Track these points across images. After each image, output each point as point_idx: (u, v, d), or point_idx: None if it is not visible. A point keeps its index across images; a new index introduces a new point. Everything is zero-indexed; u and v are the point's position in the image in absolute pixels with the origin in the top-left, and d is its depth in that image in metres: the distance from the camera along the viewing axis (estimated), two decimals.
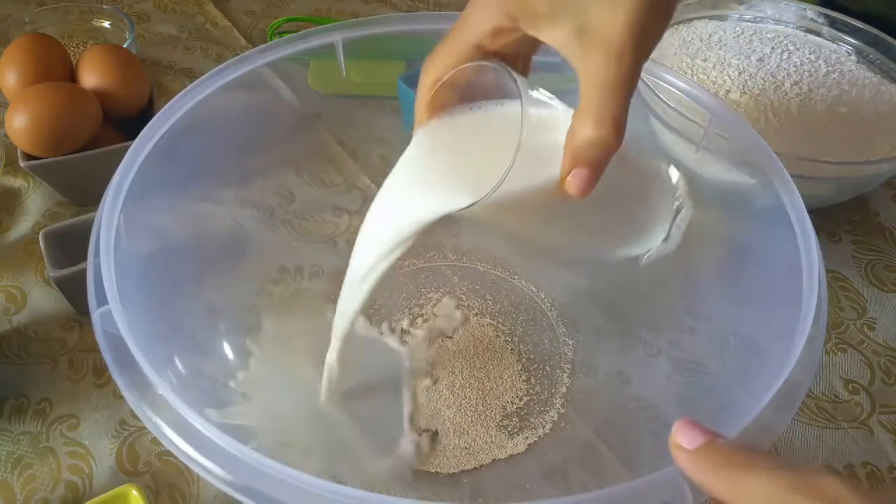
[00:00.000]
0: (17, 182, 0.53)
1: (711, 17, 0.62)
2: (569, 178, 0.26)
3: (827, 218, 0.54)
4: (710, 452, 0.23)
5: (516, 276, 0.47)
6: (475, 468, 0.38)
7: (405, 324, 0.44)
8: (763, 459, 0.22)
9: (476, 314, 0.45)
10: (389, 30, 0.43)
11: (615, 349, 0.42)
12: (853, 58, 0.58)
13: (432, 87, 0.29)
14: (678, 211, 0.34)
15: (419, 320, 0.44)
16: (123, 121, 0.53)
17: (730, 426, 0.26)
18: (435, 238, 0.48)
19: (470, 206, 0.27)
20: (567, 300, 0.46)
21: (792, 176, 0.36)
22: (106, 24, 0.65)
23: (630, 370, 0.41)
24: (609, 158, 0.25)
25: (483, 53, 0.28)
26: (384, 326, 0.43)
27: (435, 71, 0.29)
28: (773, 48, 0.56)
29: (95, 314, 0.29)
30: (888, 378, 0.44)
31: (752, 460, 0.22)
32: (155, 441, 0.37)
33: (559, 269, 0.47)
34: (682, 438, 0.24)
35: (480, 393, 0.40)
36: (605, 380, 0.42)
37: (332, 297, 0.44)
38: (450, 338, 0.43)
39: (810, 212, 0.34)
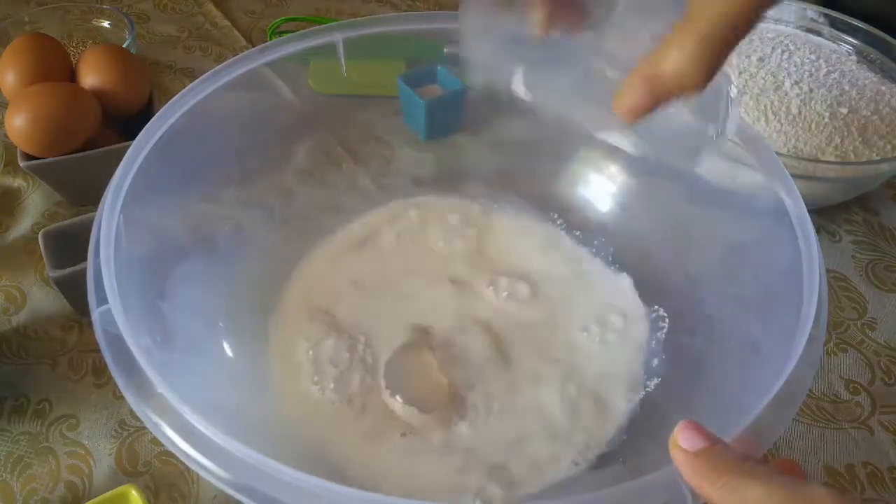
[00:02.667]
0: (16, 182, 0.53)
1: None
2: (626, 100, 0.24)
3: (827, 218, 0.54)
4: (708, 457, 0.23)
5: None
6: None
7: None
8: (760, 469, 0.22)
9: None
10: (389, 30, 0.43)
11: None
12: (854, 58, 0.58)
13: None
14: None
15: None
16: (123, 121, 0.53)
17: (730, 426, 0.26)
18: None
19: None
20: None
21: (792, 176, 0.36)
22: (106, 24, 0.65)
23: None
24: (678, 99, 0.24)
25: None
26: None
27: None
28: (773, 48, 0.56)
29: (95, 313, 0.29)
30: (888, 378, 0.44)
31: (749, 469, 0.22)
32: (154, 441, 0.37)
33: None
34: (683, 439, 0.24)
35: None
36: None
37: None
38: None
39: (810, 212, 0.34)
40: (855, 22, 0.59)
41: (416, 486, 0.35)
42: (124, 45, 0.59)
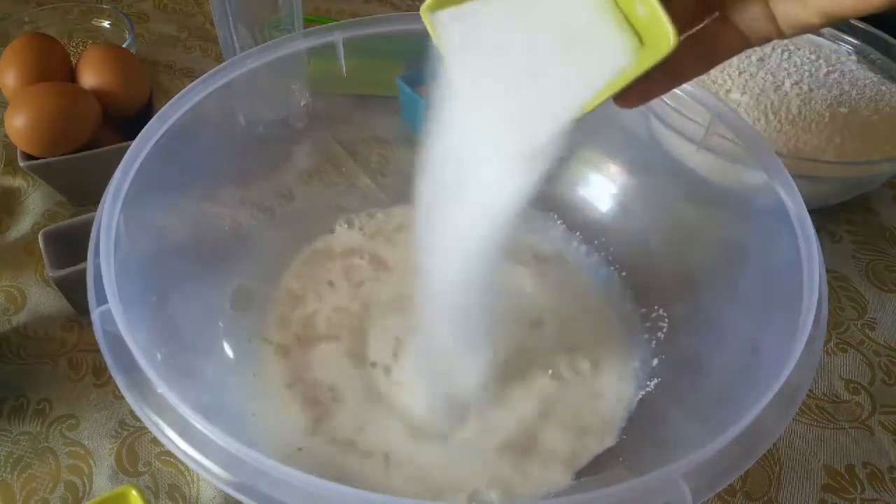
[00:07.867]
0: (16, 182, 0.53)
1: None
2: None
3: (827, 218, 0.54)
4: None
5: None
6: None
7: None
8: None
9: None
10: (389, 30, 0.43)
11: None
12: (854, 57, 0.58)
13: None
14: None
15: None
16: (123, 121, 0.53)
17: (730, 426, 0.26)
18: None
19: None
20: None
21: (792, 176, 0.36)
22: (106, 24, 0.65)
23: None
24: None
25: None
26: None
27: None
28: (773, 48, 0.56)
29: (95, 313, 0.29)
30: (888, 378, 0.44)
31: None
32: (155, 441, 0.37)
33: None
34: None
35: None
36: None
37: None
38: None
39: (810, 212, 0.34)
40: (855, 22, 0.59)
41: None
42: (124, 45, 0.59)
